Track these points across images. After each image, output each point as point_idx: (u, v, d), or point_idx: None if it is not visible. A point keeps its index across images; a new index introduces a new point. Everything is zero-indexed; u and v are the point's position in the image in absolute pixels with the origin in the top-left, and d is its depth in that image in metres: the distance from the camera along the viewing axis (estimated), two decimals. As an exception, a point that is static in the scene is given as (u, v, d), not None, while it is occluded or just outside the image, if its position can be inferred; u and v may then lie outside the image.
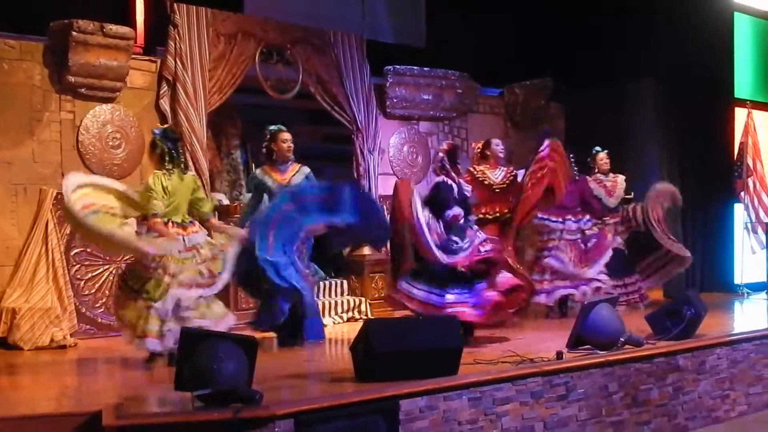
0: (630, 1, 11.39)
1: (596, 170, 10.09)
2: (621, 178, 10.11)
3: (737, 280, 11.74)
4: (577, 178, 9.58)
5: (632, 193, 10.28)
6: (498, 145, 8.64)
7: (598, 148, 10.19)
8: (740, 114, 12.05)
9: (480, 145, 8.78)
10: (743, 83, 12.45)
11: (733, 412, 7.54)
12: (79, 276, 8.31)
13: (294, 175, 7.94)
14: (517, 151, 11.94)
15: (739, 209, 11.95)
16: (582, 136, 11.84)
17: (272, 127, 8.03)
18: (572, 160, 9.21)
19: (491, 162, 8.56)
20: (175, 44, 8.87)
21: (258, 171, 8.13)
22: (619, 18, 11.53)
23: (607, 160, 10.14)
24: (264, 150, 8.07)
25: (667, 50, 11.41)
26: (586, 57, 11.51)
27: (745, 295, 11.43)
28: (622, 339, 6.81)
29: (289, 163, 8.00)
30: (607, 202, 9.94)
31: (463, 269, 7.48)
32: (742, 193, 11.76)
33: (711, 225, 11.85)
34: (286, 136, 7.98)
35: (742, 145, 11.80)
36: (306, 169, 8.02)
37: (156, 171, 6.88)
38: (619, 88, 11.84)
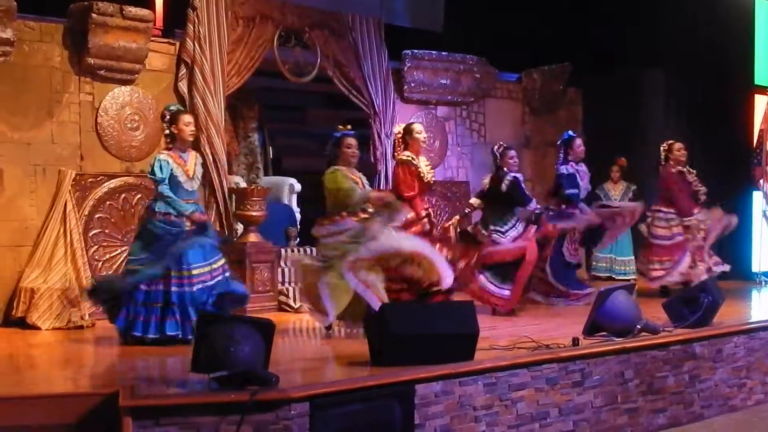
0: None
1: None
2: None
3: (755, 268, 11.69)
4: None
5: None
6: (421, 133, 8.30)
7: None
8: (760, 101, 11.98)
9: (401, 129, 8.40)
10: (763, 70, 12.34)
11: (750, 400, 7.53)
12: (97, 257, 8.34)
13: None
14: (533, 137, 11.97)
15: (757, 197, 11.89)
16: (600, 121, 11.81)
17: (172, 107, 7.26)
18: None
19: (414, 149, 8.23)
20: (194, 27, 8.87)
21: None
22: (638, 3, 11.47)
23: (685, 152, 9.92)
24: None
25: (687, 36, 11.36)
26: (604, 42, 11.46)
27: (763, 283, 11.36)
28: (638, 326, 6.79)
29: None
30: None
31: None
32: (761, 181, 11.70)
33: (729, 212, 11.79)
34: (189, 118, 7.20)
35: (762, 132, 11.74)
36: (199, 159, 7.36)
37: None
38: (638, 74, 11.79)
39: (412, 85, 10.87)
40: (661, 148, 9.91)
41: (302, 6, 9.84)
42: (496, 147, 8.72)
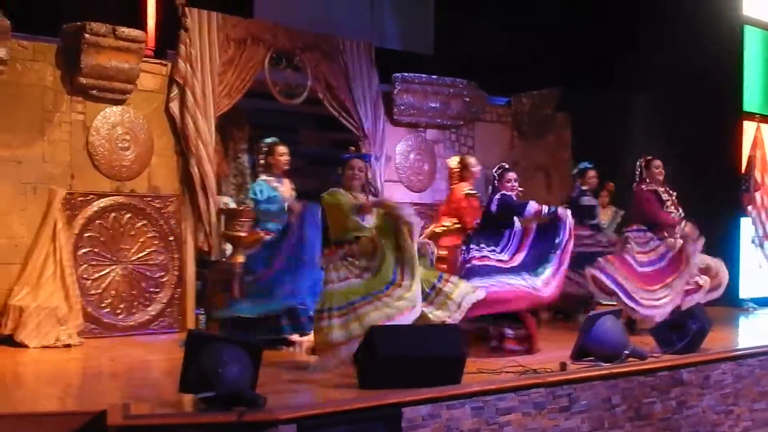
0: (639, 13, 11.41)
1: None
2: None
3: (742, 295, 11.72)
4: None
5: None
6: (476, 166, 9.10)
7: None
8: (749, 127, 12.05)
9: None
10: (753, 97, 12.43)
11: (737, 427, 7.52)
12: (86, 275, 8.35)
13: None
14: (522, 162, 11.99)
15: (745, 223, 11.94)
16: (588, 146, 11.85)
17: (268, 140, 8.32)
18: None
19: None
20: (186, 48, 8.91)
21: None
22: (628, 29, 11.55)
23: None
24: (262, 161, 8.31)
25: (677, 62, 11.42)
26: (594, 67, 11.52)
27: (751, 309, 11.41)
28: (626, 351, 6.79)
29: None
30: None
31: None
32: (750, 207, 11.76)
33: (717, 239, 11.83)
34: (284, 149, 8.24)
35: (751, 159, 11.81)
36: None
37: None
38: (627, 99, 11.86)
39: (402, 108, 10.91)
40: (638, 163, 9.05)
41: (294, 29, 9.90)
42: (495, 168, 8.21)
